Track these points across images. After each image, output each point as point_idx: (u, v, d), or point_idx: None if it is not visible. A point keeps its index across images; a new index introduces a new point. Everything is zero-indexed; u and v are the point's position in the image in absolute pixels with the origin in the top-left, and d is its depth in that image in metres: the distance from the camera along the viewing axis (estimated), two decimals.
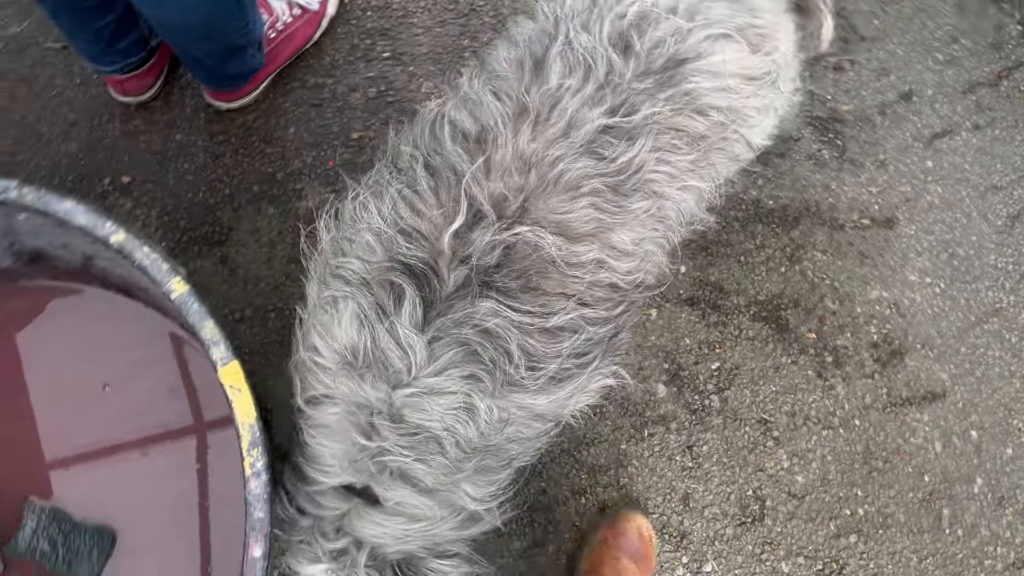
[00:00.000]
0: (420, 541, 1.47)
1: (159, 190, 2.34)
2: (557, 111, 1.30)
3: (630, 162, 1.30)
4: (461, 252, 1.27)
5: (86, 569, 1.84)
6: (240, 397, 1.49)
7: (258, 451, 1.46)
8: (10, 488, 1.88)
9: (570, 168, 1.28)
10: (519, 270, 1.27)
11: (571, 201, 1.29)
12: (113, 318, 1.97)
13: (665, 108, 1.33)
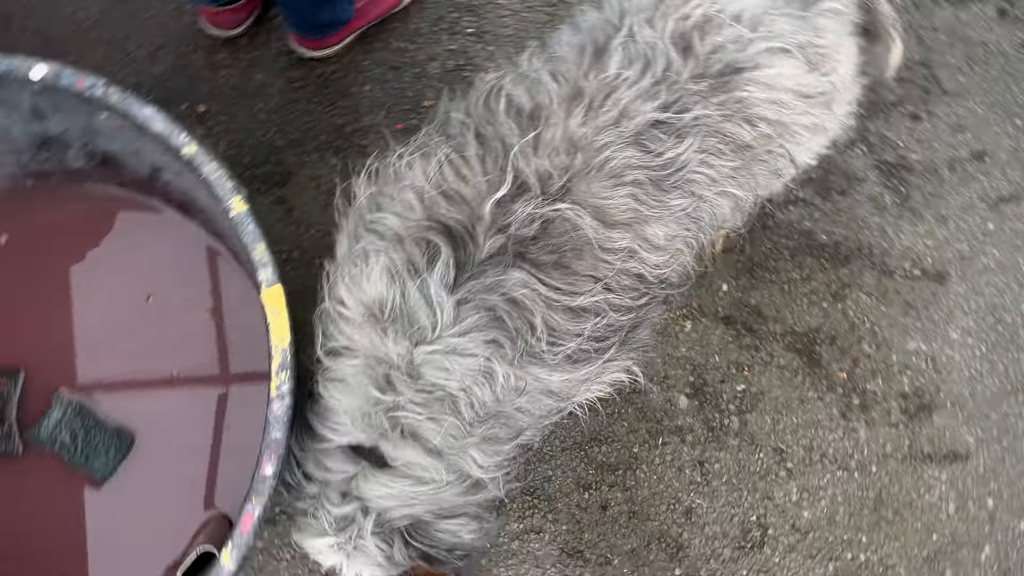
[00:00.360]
0: (426, 505, 1.47)
1: (231, 124, 2.41)
2: (611, 100, 1.33)
3: (675, 159, 1.32)
4: (500, 221, 1.29)
5: (101, 465, 1.89)
6: (278, 320, 1.53)
7: (286, 374, 1.50)
8: (43, 378, 1.95)
9: (616, 156, 1.30)
10: (554, 246, 1.30)
11: (613, 188, 1.31)
12: (168, 234, 2.03)
13: (716, 112, 1.35)
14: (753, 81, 1.37)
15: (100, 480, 1.90)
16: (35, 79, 1.57)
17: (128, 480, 1.92)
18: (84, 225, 2.04)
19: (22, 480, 1.91)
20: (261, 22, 2.48)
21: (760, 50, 1.37)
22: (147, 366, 1.98)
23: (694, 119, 1.33)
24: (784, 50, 1.39)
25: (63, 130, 1.78)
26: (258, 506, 1.44)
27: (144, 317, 2.01)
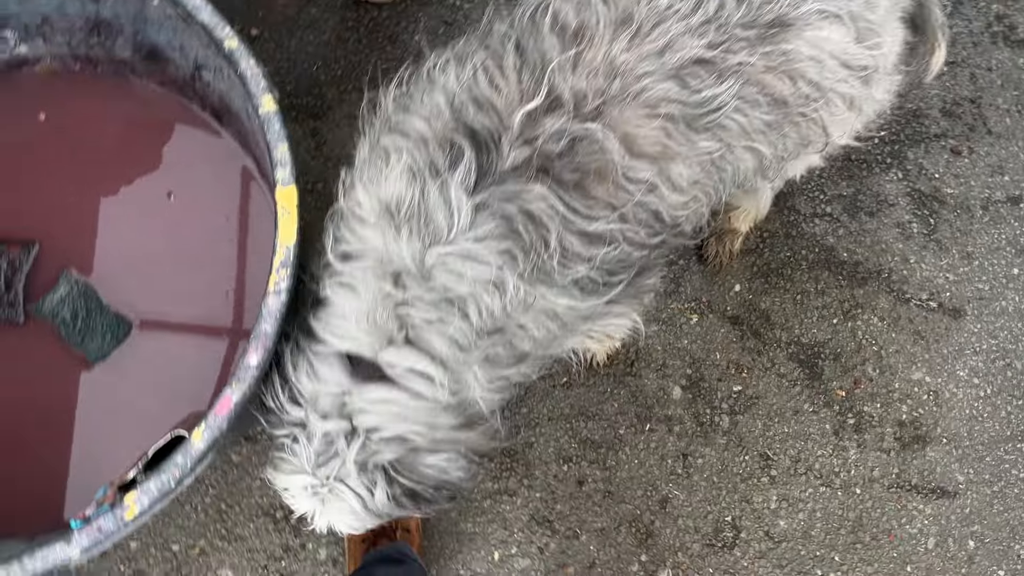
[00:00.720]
0: (419, 427, 1.40)
1: (279, 51, 2.45)
2: (659, 30, 1.33)
3: (712, 98, 1.32)
4: (528, 132, 1.30)
5: (96, 347, 1.93)
6: (287, 219, 1.55)
7: (286, 272, 1.52)
8: (57, 255, 1.99)
9: (654, 87, 1.30)
10: (578, 165, 1.30)
11: (645, 118, 1.31)
12: (199, 138, 2.07)
13: (759, 62, 1.34)
14: (800, 38, 1.37)
15: (92, 361, 1.94)
16: None
17: (120, 366, 1.95)
18: (120, 117, 2.09)
19: (19, 349, 1.95)
20: None
21: (812, 10, 1.37)
22: (157, 259, 2.02)
23: (737, 64, 1.33)
24: (836, 16, 1.39)
25: (115, 15, 1.83)
26: (237, 392, 1.46)
27: (163, 213, 2.05)
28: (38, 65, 2.02)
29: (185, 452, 1.45)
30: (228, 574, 2.14)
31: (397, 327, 1.36)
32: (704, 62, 1.32)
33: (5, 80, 2.02)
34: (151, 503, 1.43)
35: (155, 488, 1.43)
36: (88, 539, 1.40)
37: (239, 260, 2.04)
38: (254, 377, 1.47)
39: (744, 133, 1.38)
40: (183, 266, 2.03)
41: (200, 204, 2.06)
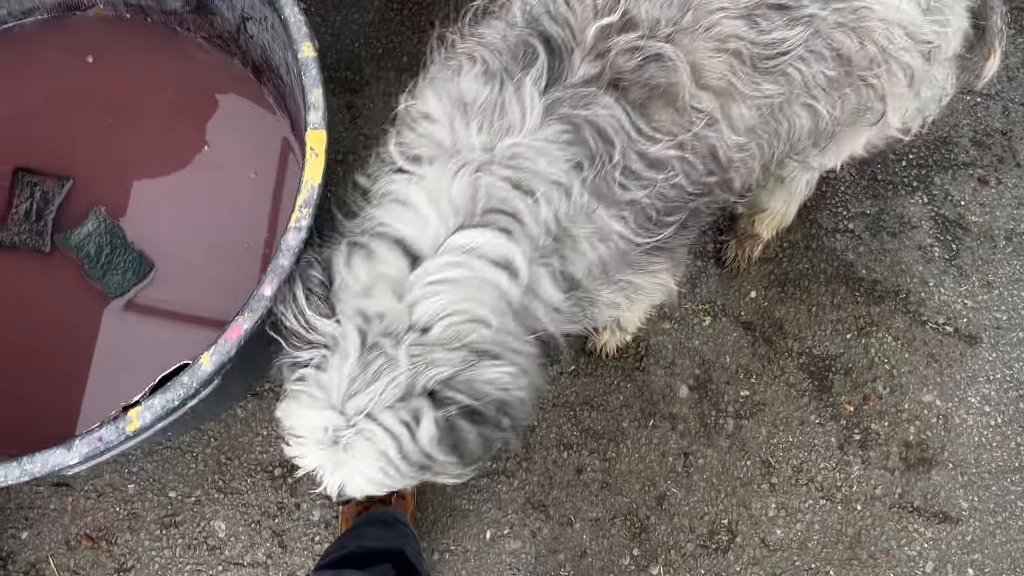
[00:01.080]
0: (486, 317, 1.27)
1: (324, 25, 2.51)
2: None
3: (780, 41, 1.34)
4: (601, 46, 1.31)
5: (116, 284, 1.97)
6: (314, 160, 1.58)
7: (308, 211, 1.55)
8: (89, 192, 2.05)
9: (724, 23, 1.33)
10: (647, 84, 1.31)
11: (714, 51, 1.33)
12: (238, 93, 2.12)
13: (831, 16, 1.37)
14: (871, 2, 1.39)
15: (110, 296, 1.97)
16: None
17: (138, 304, 1.98)
18: (164, 68, 2.14)
19: (43, 277, 1.99)
20: None
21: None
22: (188, 207, 2.06)
23: (809, 15, 1.36)
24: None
25: None
26: (248, 321, 1.49)
27: (197, 164, 2.09)
28: (92, 9, 2.09)
29: (192, 373, 1.47)
30: (220, 525, 2.15)
31: (467, 211, 1.28)
32: (777, 7, 1.35)
33: (58, 21, 2.09)
34: (154, 419, 1.45)
35: (159, 404, 1.45)
36: (88, 447, 1.43)
37: (270, 216, 2.08)
38: (266, 308, 1.49)
39: (805, 87, 1.40)
40: (212, 217, 2.07)
41: (234, 158, 2.10)
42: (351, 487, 1.32)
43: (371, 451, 1.25)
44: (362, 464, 1.27)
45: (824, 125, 1.49)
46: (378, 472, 1.27)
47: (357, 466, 1.27)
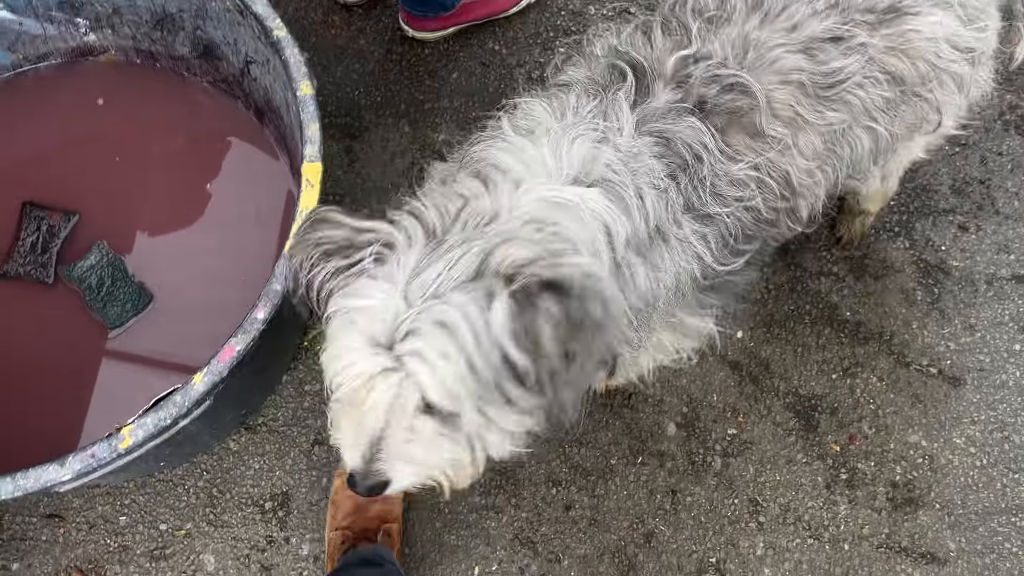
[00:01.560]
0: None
1: (325, 75, 2.62)
2: (787, 13, 1.47)
3: (839, 70, 1.44)
4: (681, 74, 1.41)
5: (115, 315, 2.02)
6: (309, 191, 1.66)
7: None
8: (93, 227, 2.12)
9: (785, 57, 1.43)
10: (728, 109, 1.40)
11: (779, 83, 1.43)
12: (240, 134, 2.21)
13: (880, 42, 1.47)
14: (916, 22, 1.49)
15: (110, 327, 2.02)
16: None
17: (137, 335, 2.03)
18: (171, 111, 2.24)
19: (45, 308, 2.05)
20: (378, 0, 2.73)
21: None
22: (188, 242, 2.13)
23: (860, 43, 1.46)
24: (945, 2, 1.52)
25: (180, 9, 2.00)
26: (241, 343, 1.54)
27: (199, 202, 2.17)
28: (103, 55, 2.20)
29: (185, 393, 1.51)
30: (210, 559, 2.16)
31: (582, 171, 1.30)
32: (831, 39, 1.45)
33: (71, 65, 2.20)
34: (146, 437, 1.48)
35: (151, 423, 1.49)
36: (81, 463, 1.46)
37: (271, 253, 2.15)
38: (259, 330, 1.54)
39: (865, 110, 1.49)
40: (212, 252, 2.14)
41: (236, 196, 2.18)
42: (410, 396, 1.13)
43: (439, 337, 1.09)
44: (429, 355, 1.10)
45: (884, 144, 1.59)
46: (446, 367, 1.10)
47: (422, 361, 1.10)
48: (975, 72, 1.64)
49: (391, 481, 1.22)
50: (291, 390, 2.27)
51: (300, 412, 2.25)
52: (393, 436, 1.18)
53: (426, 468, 1.23)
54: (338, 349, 1.15)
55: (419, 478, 1.24)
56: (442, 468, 1.24)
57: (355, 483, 1.23)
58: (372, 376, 1.12)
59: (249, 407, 2.09)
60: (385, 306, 1.10)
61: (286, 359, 2.19)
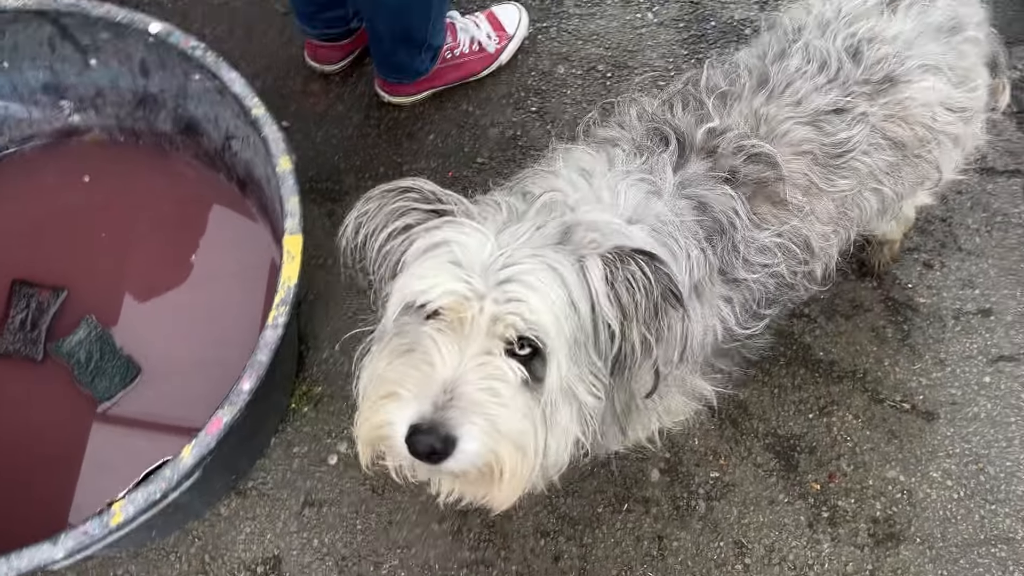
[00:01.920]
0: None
1: (306, 142, 2.70)
2: (791, 89, 1.58)
3: (846, 140, 1.54)
4: (710, 145, 1.50)
5: (104, 389, 2.06)
6: (291, 263, 1.72)
7: (285, 309, 1.67)
8: (81, 301, 2.17)
9: (795, 130, 1.53)
10: (753, 179, 1.49)
11: (792, 155, 1.53)
12: (224, 205, 2.28)
13: (879, 111, 1.58)
14: (910, 90, 1.61)
15: (99, 401, 2.06)
16: (152, 32, 1.87)
17: (126, 405, 2.07)
18: (156, 185, 2.31)
19: (34, 384, 2.08)
20: (356, 65, 2.82)
21: (915, 66, 1.62)
22: (174, 315, 2.18)
23: (862, 113, 1.57)
24: (935, 67, 1.63)
25: (161, 89, 2.07)
26: (228, 414, 1.58)
27: (184, 274, 2.23)
28: (88, 135, 2.27)
29: (174, 467, 1.55)
30: None
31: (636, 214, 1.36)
32: (834, 112, 1.56)
33: (57, 145, 2.27)
34: (136, 512, 1.52)
35: (141, 498, 1.53)
36: (74, 541, 1.49)
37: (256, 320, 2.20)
38: (245, 402, 1.59)
39: (871, 175, 1.60)
40: (199, 322, 2.19)
41: (221, 266, 2.24)
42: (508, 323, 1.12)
43: (543, 271, 1.13)
44: (534, 282, 1.11)
45: (890, 202, 1.69)
46: (553, 296, 1.12)
47: (527, 287, 1.10)
48: (970, 128, 1.76)
49: (458, 440, 1.13)
50: (280, 452, 2.31)
51: (289, 474, 2.29)
52: (471, 382, 1.12)
53: (496, 431, 1.15)
54: (425, 269, 1.15)
55: (486, 445, 1.14)
56: (510, 439, 1.16)
57: (418, 440, 1.12)
58: (467, 297, 1.11)
59: (238, 472, 2.12)
60: (480, 243, 1.13)
61: (274, 422, 2.23)
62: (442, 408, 1.11)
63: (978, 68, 1.76)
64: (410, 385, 1.15)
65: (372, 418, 1.20)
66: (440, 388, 1.12)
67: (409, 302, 1.17)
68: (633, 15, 2.93)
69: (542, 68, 2.87)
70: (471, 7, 2.91)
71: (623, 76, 2.83)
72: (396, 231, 1.24)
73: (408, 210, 1.23)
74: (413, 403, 1.13)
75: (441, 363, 1.13)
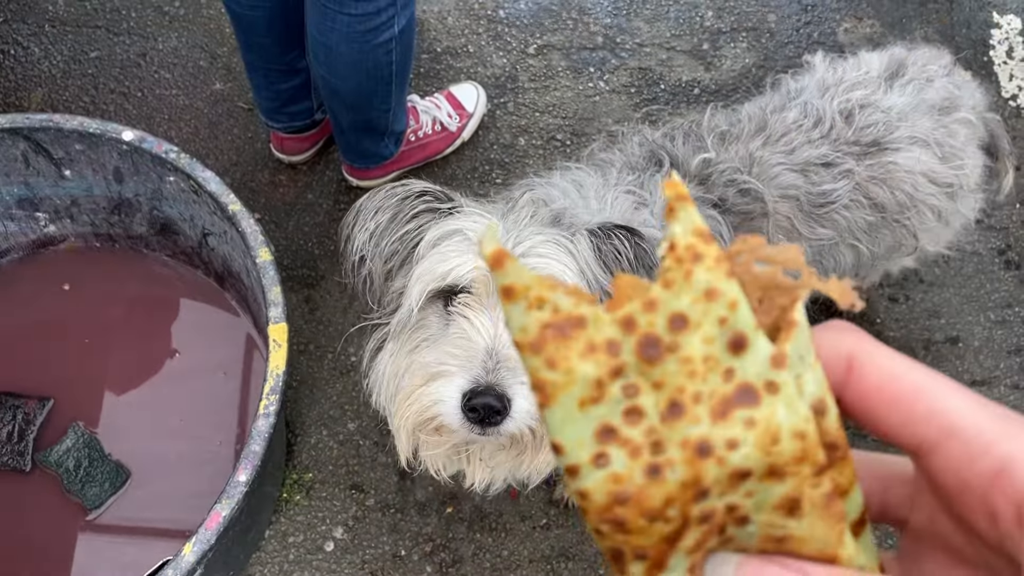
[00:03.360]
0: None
1: (278, 231, 2.75)
2: (786, 139, 1.68)
3: (830, 191, 1.63)
4: (703, 172, 1.59)
5: (94, 496, 2.04)
6: (278, 351, 1.74)
7: (275, 397, 1.69)
8: (67, 409, 2.16)
9: (785, 175, 1.63)
10: (741, 211, 1.58)
11: (779, 197, 1.62)
12: (204, 299, 2.30)
13: (864, 172, 1.68)
14: (896, 157, 1.70)
15: (89, 508, 2.04)
16: (126, 139, 1.93)
17: (116, 510, 2.06)
18: (134, 287, 2.33)
19: (23, 496, 2.06)
20: (322, 154, 2.89)
21: (904, 136, 1.72)
22: (161, 414, 2.18)
23: (848, 169, 1.66)
24: (923, 141, 1.73)
25: (136, 193, 2.11)
26: (227, 508, 1.58)
27: (169, 371, 2.24)
28: (64, 243, 2.30)
29: (175, 566, 1.55)
30: None
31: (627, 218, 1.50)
32: (822, 165, 1.65)
33: (33, 257, 2.29)
34: None
35: None
36: None
37: (240, 411, 2.21)
38: (243, 493, 1.59)
39: (849, 230, 1.68)
40: (185, 419, 2.19)
41: (203, 361, 2.25)
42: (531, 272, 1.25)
43: (551, 245, 1.25)
44: (550, 252, 1.24)
45: (865, 260, 1.78)
46: (569, 262, 1.24)
47: (544, 257, 1.23)
48: (955, 205, 1.85)
49: (513, 399, 1.19)
50: (275, 544, 2.29)
51: (287, 565, 2.26)
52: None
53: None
54: (446, 254, 1.23)
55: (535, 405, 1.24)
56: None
57: (477, 403, 1.17)
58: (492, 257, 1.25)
59: (236, 568, 2.10)
60: (488, 220, 1.27)
61: (267, 513, 2.22)
62: (493, 371, 1.18)
63: (968, 148, 1.85)
64: (455, 361, 1.21)
65: (417, 403, 1.25)
66: (486, 355, 1.19)
67: (434, 287, 1.25)
68: (585, 84, 3.05)
69: (503, 141, 2.96)
70: (429, 89, 3.01)
71: (582, 142, 2.93)
72: (405, 222, 1.32)
73: (416, 206, 1.32)
74: (463, 373, 1.20)
75: (478, 334, 1.20)
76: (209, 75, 3.04)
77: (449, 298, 1.27)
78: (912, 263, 2.22)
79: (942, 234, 1.98)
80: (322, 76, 2.26)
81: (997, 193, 2.09)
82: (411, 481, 2.36)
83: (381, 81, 2.28)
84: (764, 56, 3.10)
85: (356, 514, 2.34)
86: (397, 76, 2.33)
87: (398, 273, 1.34)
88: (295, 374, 2.52)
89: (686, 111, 2.45)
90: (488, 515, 2.36)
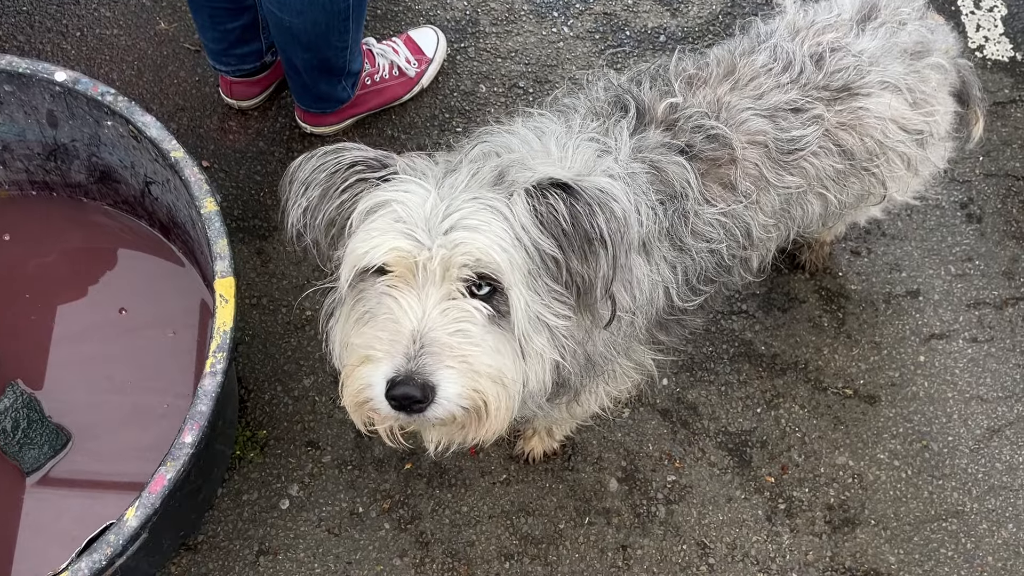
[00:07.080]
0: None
1: (229, 180, 2.63)
2: (754, 83, 1.63)
3: (799, 138, 1.60)
4: (670, 118, 1.55)
5: (32, 458, 1.96)
6: (225, 307, 1.66)
7: (222, 355, 1.62)
8: (8, 367, 2.06)
9: (753, 120, 1.59)
10: (708, 157, 1.55)
11: (747, 143, 1.58)
12: (149, 252, 2.20)
13: (834, 117, 1.64)
14: (866, 102, 1.66)
15: (26, 472, 1.96)
16: (58, 80, 1.80)
17: (60, 471, 1.98)
18: (75, 238, 2.22)
19: None
20: (274, 99, 2.77)
21: (874, 80, 1.67)
22: (106, 372, 2.09)
23: (817, 115, 1.62)
24: (894, 86, 1.68)
25: (72, 139, 1.99)
26: (172, 470, 1.52)
27: (115, 328, 2.14)
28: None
29: (118, 531, 1.48)
30: None
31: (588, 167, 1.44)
32: (791, 110, 1.61)
33: None
34: None
35: (86, 567, 1.45)
36: None
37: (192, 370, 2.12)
38: (188, 455, 1.53)
39: (817, 178, 1.65)
40: (131, 379, 2.10)
41: (150, 317, 2.16)
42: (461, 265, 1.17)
43: (484, 212, 1.19)
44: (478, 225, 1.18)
45: (832, 210, 1.74)
46: (498, 232, 1.19)
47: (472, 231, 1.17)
48: (924, 153, 1.80)
49: (437, 386, 1.17)
50: (228, 502, 2.23)
51: (241, 524, 2.21)
52: (439, 327, 1.17)
53: (473, 370, 1.19)
54: (370, 232, 1.19)
55: (465, 386, 1.18)
56: (490, 376, 1.20)
57: (396, 392, 1.15)
58: (417, 251, 1.16)
59: (187, 528, 2.04)
60: (422, 197, 1.19)
61: (220, 472, 2.15)
62: (415, 357, 1.16)
63: (940, 95, 1.80)
64: (380, 345, 1.18)
65: (351, 385, 1.24)
66: (409, 340, 1.16)
67: (360, 267, 1.21)
68: (549, 30, 2.95)
69: (464, 88, 2.86)
70: (387, 32, 2.89)
71: (545, 91, 2.85)
72: (339, 194, 1.27)
73: (347, 178, 1.27)
74: (386, 360, 1.17)
75: (404, 316, 1.17)
76: (153, 14, 2.88)
77: (382, 274, 1.23)
78: (879, 213, 2.20)
79: (911, 183, 1.95)
80: (273, 13, 2.14)
81: (967, 141, 2.06)
82: (368, 438, 2.31)
83: (337, 16, 2.17)
84: (732, 2, 3.02)
85: (312, 471, 2.29)
86: (355, 10, 2.21)
87: (339, 243, 1.30)
88: (247, 329, 2.44)
89: (651, 59, 2.38)
90: (447, 471, 2.32)
